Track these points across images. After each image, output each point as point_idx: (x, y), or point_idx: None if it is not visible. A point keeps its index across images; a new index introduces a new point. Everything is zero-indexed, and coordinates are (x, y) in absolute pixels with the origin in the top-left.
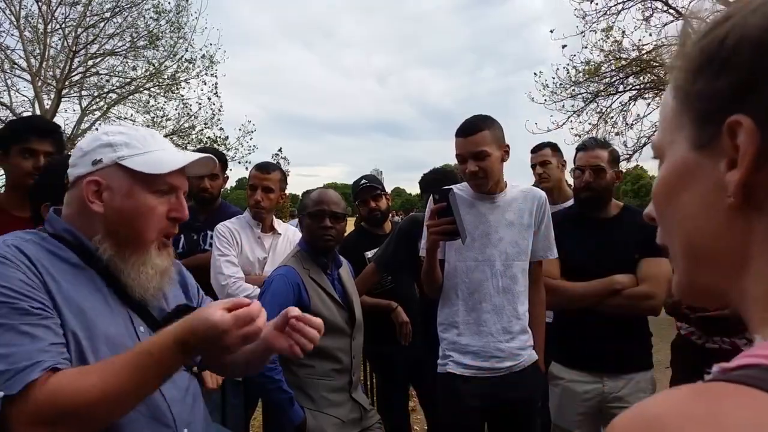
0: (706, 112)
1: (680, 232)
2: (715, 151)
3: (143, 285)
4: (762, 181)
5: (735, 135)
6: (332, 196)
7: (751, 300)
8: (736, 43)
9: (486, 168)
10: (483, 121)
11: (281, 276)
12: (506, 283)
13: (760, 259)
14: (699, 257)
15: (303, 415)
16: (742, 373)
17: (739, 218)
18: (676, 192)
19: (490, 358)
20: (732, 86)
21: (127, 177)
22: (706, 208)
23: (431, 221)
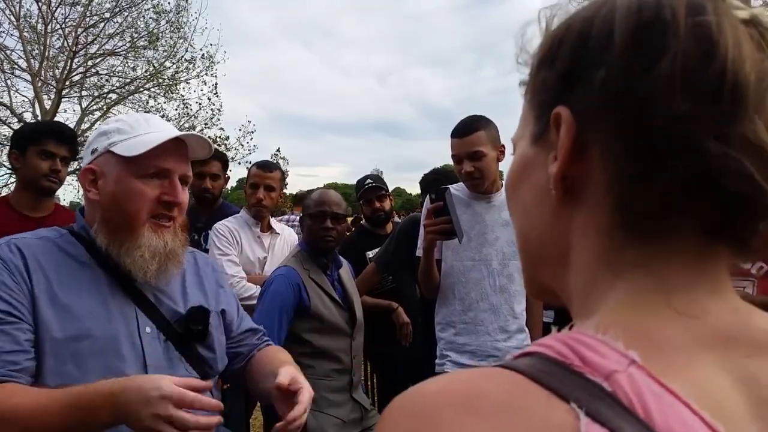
0: (540, 105)
1: (519, 227)
2: (547, 144)
3: (141, 268)
4: (580, 172)
5: (559, 127)
6: (333, 197)
7: (573, 296)
8: (564, 35)
9: (482, 168)
10: (478, 121)
11: (281, 276)
12: (503, 283)
13: (578, 254)
14: (532, 252)
15: None
16: (521, 360)
17: (563, 212)
18: (517, 186)
19: (487, 357)
20: (557, 78)
21: (118, 163)
22: (538, 202)
23: (428, 221)
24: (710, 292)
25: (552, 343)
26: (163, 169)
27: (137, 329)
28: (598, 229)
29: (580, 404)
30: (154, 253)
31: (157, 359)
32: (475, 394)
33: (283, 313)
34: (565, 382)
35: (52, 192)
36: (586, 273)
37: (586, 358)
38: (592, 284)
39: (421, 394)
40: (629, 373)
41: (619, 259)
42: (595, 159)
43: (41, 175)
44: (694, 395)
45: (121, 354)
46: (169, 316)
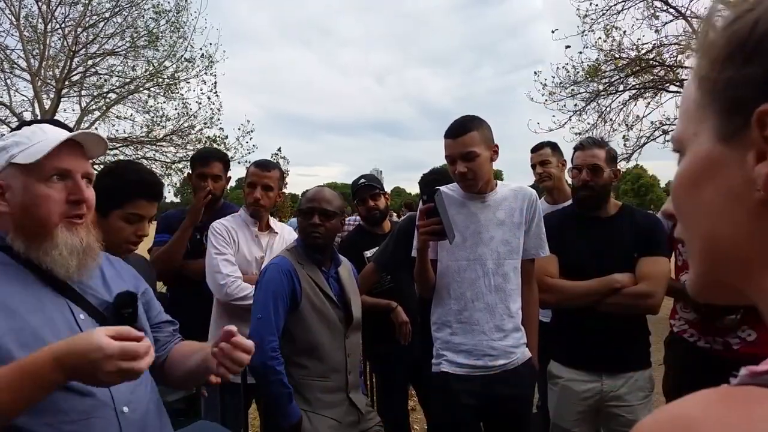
0: (733, 102)
1: (702, 228)
2: (742, 143)
3: (62, 265)
4: None
5: (765, 126)
6: (325, 194)
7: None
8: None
9: (475, 169)
10: (471, 121)
11: (274, 265)
12: (498, 282)
13: None
14: (720, 254)
15: (300, 414)
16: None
17: (766, 214)
18: (698, 186)
19: (483, 356)
20: (763, 74)
21: (20, 173)
22: (731, 203)
23: (420, 221)
24: None
25: None
26: (64, 169)
27: (73, 317)
28: None
29: None
30: (71, 250)
31: None
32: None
33: (278, 299)
34: None
35: None
36: None
37: None
38: None
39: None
40: None
41: None
42: None
43: None
44: None
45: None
46: (97, 304)
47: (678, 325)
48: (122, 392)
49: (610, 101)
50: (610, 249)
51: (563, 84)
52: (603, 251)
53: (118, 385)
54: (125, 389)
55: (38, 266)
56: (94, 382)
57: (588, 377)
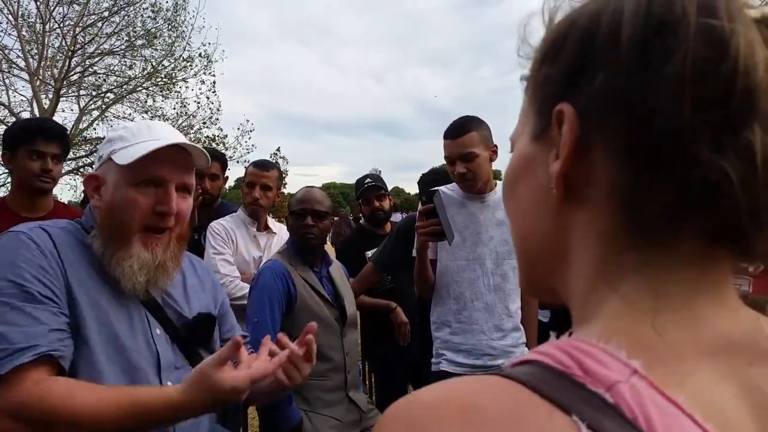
0: (542, 101)
1: (517, 226)
2: (547, 142)
3: (130, 279)
4: (582, 172)
5: (562, 124)
6: (316, 195)
7: (572, 298)
8: (568, 30)
9: (474, 169)
10: (470, 122)
11: (267, 269)
12: (497, 282)
13: (578, 255)
14: (531, 252)
15: (300, 416)
16: (518, 369)
17: (564, 212)
18: (515, 185)
19: (482, 355)
20: (561, 74)
21: (116, 170)
22: (538, 201)
23: (419, 222)
24: (711, 299)
25: (552, 351)
26: (157, 176)
27: (149, 329)
28: (599, 231)
29: (582, 417)
30: (142, 264)
31: (168, 360)
32: (473, 405)
33: (273, 303)
34: (567, 393)
35: (46, 191)
36: (585, 275)
37: (588, 367)
38: (591, 288)
39: (417, 404)
40: (632, 384)
41: (620, 263)
42: (597, 159)
43: (32, 176)
44: (698, 407)
45: (139, 352)
46: (175, 320)
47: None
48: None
49: None
50: None
51: None
52: None
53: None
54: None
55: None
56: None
57: None
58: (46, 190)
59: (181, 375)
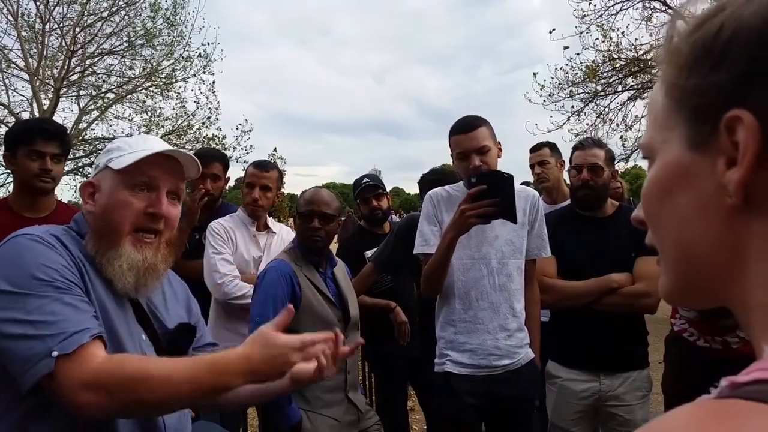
0: (702, 109)
1: (674, 235)
2: (712, 150)
3: (120, 278)
4: (762, 180)
5: (734, 132)
6: (324, 197)
7: (754, 306)
8: (733, 34)
9: (489, 163)
10: (478, 118)
11: (273, 268)
12: (502, 281)
13: (759, 263)
14: (694, 261)
15: (299, 415)
16: (757, 388)
17: (738, 220)
18: (669, 193)
19: (487, 356)
20: (730, 80)
21: (113, 177)
22: (702, 209)
23: (467, 205)
24: None
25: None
26: (150, 180)
27: (138, 334)
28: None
29: None
30: (131, 265)
31: None
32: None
33: (277, 303)
34: None
35: (47, 191)
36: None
37: None
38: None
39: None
40: None
41: None
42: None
43: (32, 176)
44: None
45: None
46: (158, 328)
47: (678, 324)
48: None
49: (609, 102)
50: (608, 249)
51: (561, 85)
52: (600, 251)
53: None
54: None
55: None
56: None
57: (586, 377)
58: (46, 190)
59: None
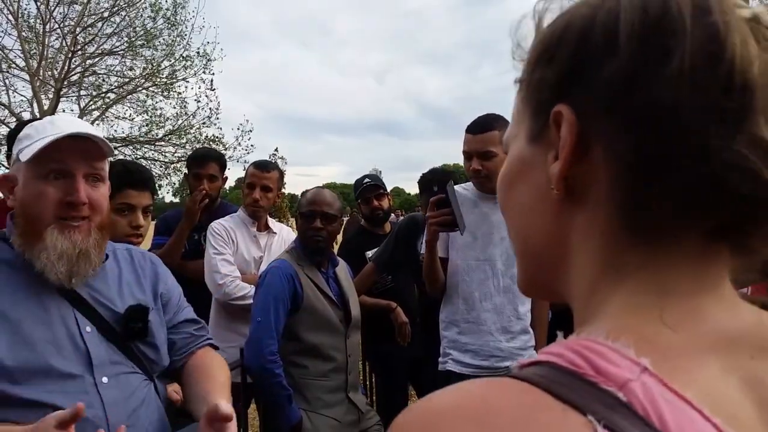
0: (538, 104)
1: (516, 227)
2: (545, 143)
3: (50, 270)
4: (582, 173)
5: (560, 126)
6: (326, 197)
7: (575, 298)
8: (563, 32)
9: (490, 168)
10: (495, 120)
11: (275, 269)
12: (507, 283)
13: (579, 255)
14: (531, 253)
15: (300, 416)
16: (530, 370)
17: (564, 212)
18: (513, 186)
19: (489, 357)
20: (557, 76)
21: (25, 168)
22: (537, 201)
23: (431, 213)
24: (713, 294)
25: (562, 352)
26: (62, 167)
27: (78, 329)
28: (600, 230)
29: (598, 416)
30: (60, 254)
31: (101, 357)
32: (488, 408)
33: (279, 303)
34: (580, 393)
35: None
36: (587, 275)
37: (599, 366)
38: (593, 287)
39: (430, 410)
40: (643, 382)
41: (622, 261)
42: (597, 159)
43: None
44: (706, 401)
45: (64, 356)
46: (107, 316)
47: None
48: (118, 414)
49: None
50: None
51: None
52: None
53: (117, 409)
54: (122, 410)
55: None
56: None
57: None
58: None
59: (120, 369)
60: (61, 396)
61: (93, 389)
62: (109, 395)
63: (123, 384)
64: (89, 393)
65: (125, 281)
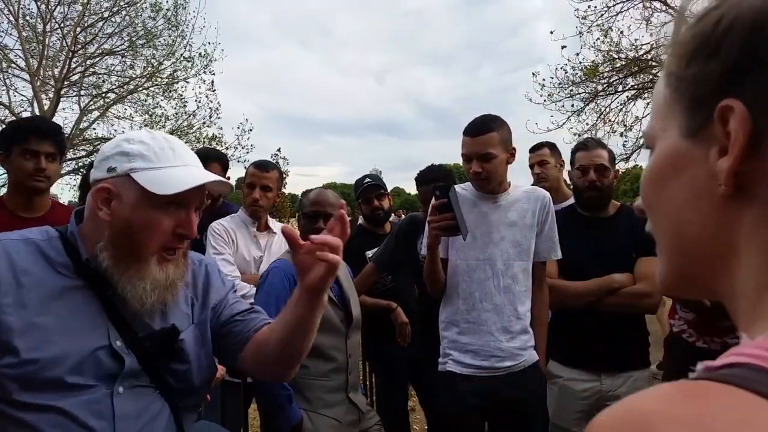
0: (697, 98)
1: (668, 223)
2: (706, 138)
3: (140, 298)
4: (753, 169)
5: (726, 121)
6: (329, 197)
7: (739, 295)
8: (730, 24)
9: (489, 170)
10: (493, 121)
11: (277, 269)
12: (507, 283)
13: (748, 252)
14: (687, 249)
15: (300, 416)
16: (728, 372)
17: (729, 208)
18: (665, 181)
19: (489, 357)
20: (724, 70)
21: (137, 189)
22: (695, 197)
23: (432, 217)
24: None
25: (758, 353)
26: (184, 200)
27: (109, 343)
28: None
29: None
30: (155, 285)
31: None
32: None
33: (280, 304)
34: None
35: (41, 191)
36: (756, 273)
37: None
38: (765, 285)
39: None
40: None
41: None
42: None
43: (26, 175)
44: None
45: (82, 370)
46: (142, 330)
47: (677, 325)
48: (126, 428)
49: (609, 102)
50: (610, 249)
51: (562, 85)
52: (602, 251)
53: (124, 420)
54: (132, 424)
55: (106, 286)
56: None
57: (587, 377)
58: (40, 190)
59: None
60: (71, 403)
61: (107, 399)
62: (122, 407)
63: (138, 397)
64: (101, 403)
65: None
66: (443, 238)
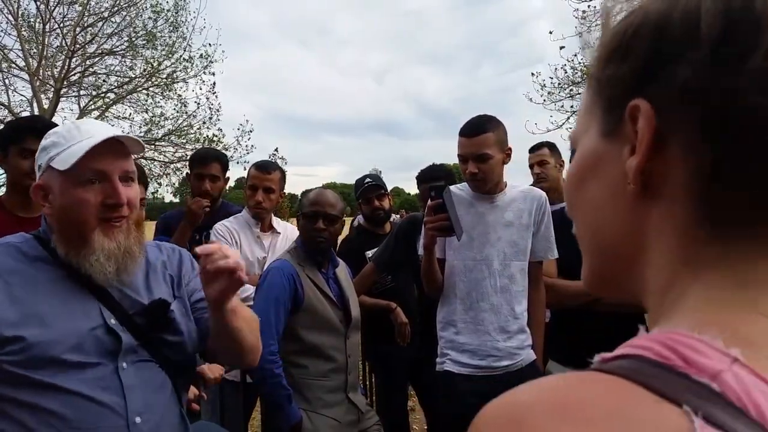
0: (613, 99)
1: (588, 223)
2: (619, 138)
3: (100, 271)
4: (659, 167)
5: (636, 120)
6: (329, 198)
7: (649, 292)
8: (638, 27)
9: (486, 170)
10: (488, 122)
11: (276, 269)
12: (504, 283)
13: (655, 250)
14: (604, 248)
15: (300, 415)
16: (617, 363)
17: (639, 207)
18: (584, 181)
19: (487, 356)
20: (633, 70)
21: (58, 176)
22: (611, 197)
23: (428, 218)
24: None
25: (649, 345)
26: (99, 171)
27: (103, 321)
28: (677, 225)
29: (693, 407)
30: (108, 255)
31: (123, 347)
32: (579, 401)
33: (279, 304)
34: (673, 385)
35: None
36: (664, 270)
37: (689, 358)
38: (671, 282)
39: (517, 403)
40: (734, 372)
41: (701, 255)
42: (674, 153)
43: (23, 175)
44: None
45: (83, 349)
46: (132, 308)
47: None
48: (136, 400)
49: None
50: None
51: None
52: None
53: (136, 395)
54: (140, 396)
55: (78, 270)
56: None
57: None
58: None
59: (137, 357)
60: (78, 382)
61: (113, 375)
62: (129, 380)
63: (141, 371)
64: (107, 379)
65: (152, 275)
66: (440, 239)
